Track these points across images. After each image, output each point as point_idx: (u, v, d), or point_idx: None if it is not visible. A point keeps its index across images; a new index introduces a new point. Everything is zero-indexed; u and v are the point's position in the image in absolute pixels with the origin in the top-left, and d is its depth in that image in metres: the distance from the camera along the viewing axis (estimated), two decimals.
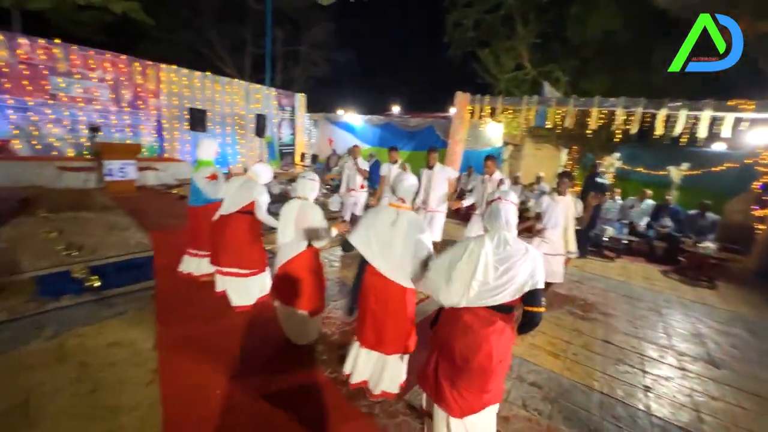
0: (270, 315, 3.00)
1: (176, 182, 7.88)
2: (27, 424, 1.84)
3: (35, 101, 7.20)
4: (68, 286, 3.17)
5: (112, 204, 5.84)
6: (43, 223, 4.55)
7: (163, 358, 2.42)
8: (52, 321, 2.71)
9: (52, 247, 3.83)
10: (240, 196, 3.01)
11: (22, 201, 5.21)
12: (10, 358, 2.29)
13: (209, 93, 9.76)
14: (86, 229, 4.54)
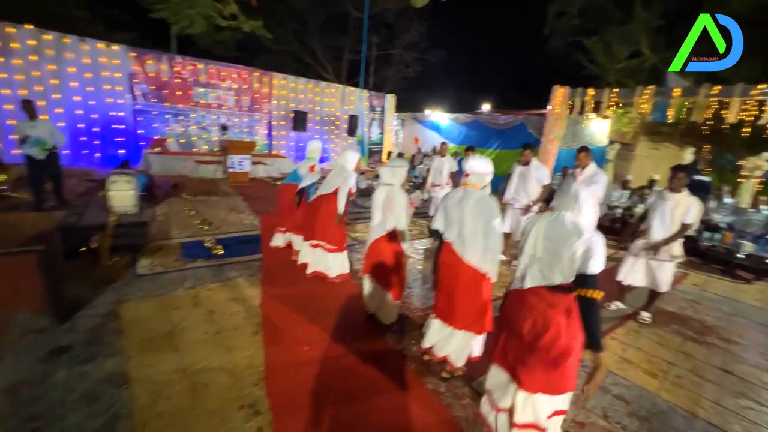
0: (352, 290, 3.34)
1: (280, 175, 9.02)
2: (171, 348, 2.43)
3: (184, 108, 9.01)
4: (201, 252, 3.99)
5: (232, 191, 7.01)
6: (185, 203, 5.74)
7: (266, 313, 2.91)
8: (190, 276, 3.46)
9: (192, 221, 4.83)
10: (333, 181, 3.41)
11: (173, 186, 6.63)
12: (163, 298, 3.02)
13: (311, 96, 10.89)
14: (214, 209, 5.58)
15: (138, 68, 8.27)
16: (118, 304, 2.87)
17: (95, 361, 2.22)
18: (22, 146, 4.58)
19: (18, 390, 1.96)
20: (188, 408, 1.95)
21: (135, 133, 8.44)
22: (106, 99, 7.97)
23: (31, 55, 7.03)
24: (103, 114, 7.99)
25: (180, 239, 4.22)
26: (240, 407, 1.99)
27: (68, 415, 1.83)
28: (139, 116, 8.48)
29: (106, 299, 2.92)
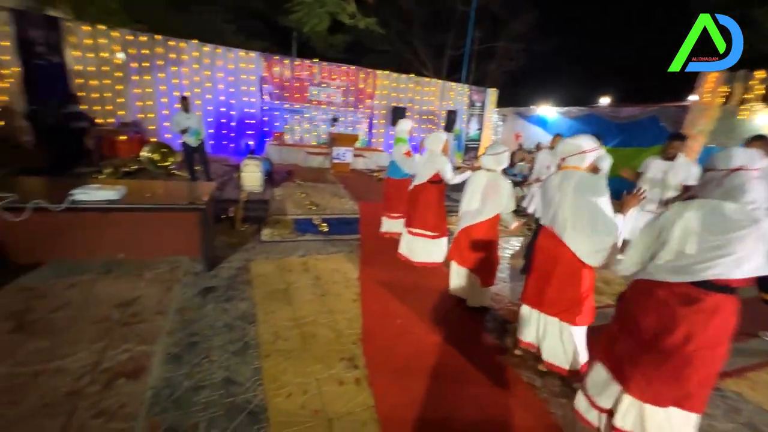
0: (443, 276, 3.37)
1: (377, 168, 9.49)
2: (286, 301, 2.82)
3: (299, 105, 10.16)
4: (310, 227, 4.49)
5: (335, 179, 7.67)
6: (298, 187, 6.50)
7: (363, 286, 3.14)
8: (301, 247, 3.94)
9: (303, 202, 5.46)
10: (427, 169, 3.47)
11: (288, 173, 7.57)
12: (280, 262, 3.51)
13: (411, 93, 11.14)
14: (321, 194, 6.20)
15: (267, 72, 9.63)
16: (248, 261, 3.44)
17: (232, 302, 2.72)
18: (182, 135, 5.68)
19: (183, 312, 2.53)
20: (300, 350, 2.26)
21: (261, 127, 9.86)
22: (242, 99, 9.50)
23: (195, 64, 8.82)
24: (240, 111, 9.54)
25: (293, 216, 4.82)
26: (341, 359, 2.22)
27: (214, 337, 2.30)
28: (265, 114, 9.88)
29: (239, 257, 3.53)
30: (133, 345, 2.15)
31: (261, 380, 1.97)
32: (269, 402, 1.83)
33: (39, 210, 2.50)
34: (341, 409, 1.85)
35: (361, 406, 1.88)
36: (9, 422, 1.59)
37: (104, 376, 1.90)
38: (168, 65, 8.63)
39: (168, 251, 3.25)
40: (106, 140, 7.48)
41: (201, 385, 1.90)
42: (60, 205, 2.52)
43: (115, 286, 2.78)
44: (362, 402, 1.91)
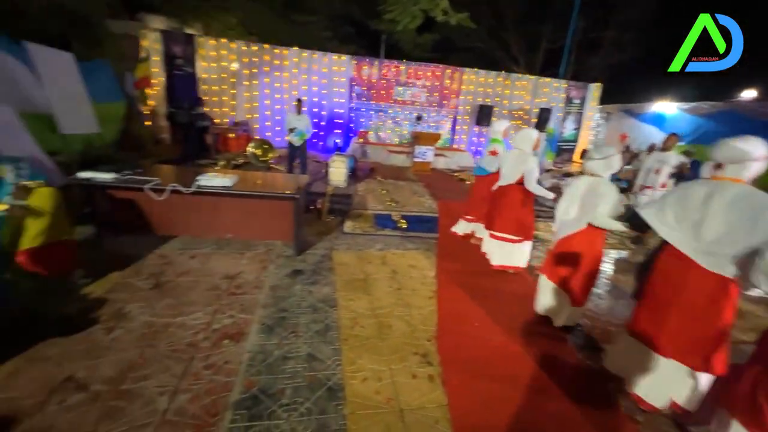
0: (524, 284, 3.15)
1: (458, 168, 9.27)
2: (365, 291, 2.93)
3: (384, 105, 10.46)
4: (389, 223, 4.60)
5: (414, 178, 7.71)
6: (379, 184, 6.72)
7: (439, 284, 3.11)
8: (380, 241, 4.06)
9: (383, 198, 5.62)
10: (514, 169, 3.25)
11: (370, 170, 7.87)
12: (360, 253, 3.66)
13: (499, 90, 10.60)
14: (400, 191, 6.30)
15: (356, 74, 10.13)
16: (331, 250, 3.67)
17: (317, 285, 2.94)
18: (289, 134, 6.20)
19: (276, 289, 2.82)
20: (376, 338, 2.33)
21: (348, 126, 10.43)
22: (333, 99, 10.17)
23: (294, 69, 9.73)
24: (329, 111, 10.23)
25: (374, 211, 4.99)
26: (414, 353, 2.23)
27: (301, 315, 2.51)
28: (352, 113, 10.42)
29: (324, 245, 3.79)
30: (236, 312, 2.47)
31: (340, 361, 2.09)
32: (346, 382, 1.93)
33: (174, 192, 3.03)
34: (413, 402, 1.85)
35: (433, 402, 1.87)
36: (147, 359, 1.97)
37: (214, 335, 2.22)
38: (272, 71, 9.67)
39: (265, 235, 3.65)
40: (221, 137, 8.71)
41: (288, 356, 2.09)
42: (189, 189, 3.03)
43: (223, 260, 3.22)
44: (435, 399, 1.89)
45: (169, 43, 8.49)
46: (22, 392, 1.70)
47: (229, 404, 1.72)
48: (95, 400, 1.69)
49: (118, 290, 2.61)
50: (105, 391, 1.74)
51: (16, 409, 1.61)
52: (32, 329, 2.08)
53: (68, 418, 1.59)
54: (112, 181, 3.07)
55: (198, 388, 1.80)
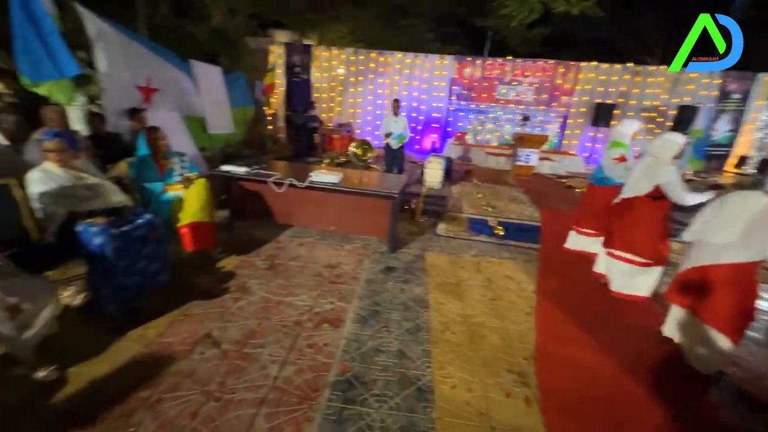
0: (646, 313, 2.66)
1: (566, 174, 8.36)
2: (456, 296, 2.85)
3: (485, 105, 10.04)
4: (485, 229, 4.40)
5: (514, 183, 7.22)
6: (474, 187, 6.48)
7: (540, 302, 2.84)
8: (474, 247, 3.91)
9: (479, 203, 5.41)
10: (646, 180, 2.76)
11: (466, 172, 7.65)
12: (453, 257, 3.59)
13: (625, 87, 9.18)
14: (498, 196, 5.97)
15: (457, 74, 9.95)
16: (424, 251, 3.68)
17: (409, 284, 2.98)
18: (386, 138, 6.00)
19: (370, 283, 2.95)
20: (467, 347, 2.25)
21: (445, 128, 10.33)
22: (432, 101, 10.18)
23: (396, 74, 10.05)
24: (428, 114, 10.28)
25: (468, 215, 4.84)
26: (509, 370, 2.08)
27: (393, 311, 2.58)
28: (450, 114, 10.28)
29: (417, 245, 3.82)
30: (335, 299, 2.66)
31: (429, 363, 2.08)
32: (435, 386, 1.91)
33: (291, 185, 3.43)
34: (506, 422, 1.73)
35: (529, 429, 1.72)
36: (263, 329, 2.26)
37: (316, 317, 2.43)
38: (376, 76, 10.15)
39: (363, 230, 3.85)
40: (327, 137, 9.52)
41: (381, 349, 2.17)
42: (303, 183, 3.38)
43: (326, 250, 3.51)
44: (531, 425, 1.73)
45: (290, 54, 9.60)
46: (175, 339, 2.13)
47: (327, 383, 1.87)
48: (225, 357, 2.01)
49: (243, 267, 3.06)
50: (232, 350, 2.07)
51: (172, 351, 2.03)
52: (184, 291, 2.59)
53: (206, 367, 1.93)
54: (244, 174, 3.62)
55: (302, 363, 2.00)
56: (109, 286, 2.21)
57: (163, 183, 2.91)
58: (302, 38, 11.87)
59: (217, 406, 1.69)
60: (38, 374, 1.77)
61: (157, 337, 2.13)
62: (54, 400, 1.68)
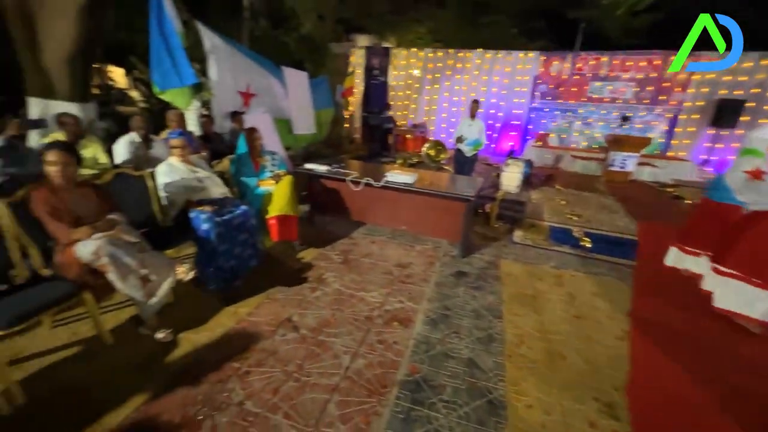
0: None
1: (671, 182, 7.23)
2: (534, 309, 2.65)
3: (573, 104, 9.17)
4: (568, 239, 4.02)
5: (605, 190, 6.47)
6: (557, 193, 5.97)
7: (635, 325, 2.49)
8: (554, 258, 3.60)
9: (562, 210, 4.96)
10: None
11: (547, 177, 7.09)
12: (530, 267, 3.34)
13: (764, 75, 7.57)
14: (585, 204, 5.42)
15: (542, 70, 9.26)
16: (498, 258, 3.51)
17: (481, 291, 2.86)
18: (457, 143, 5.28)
19: (440, 286, 2.91)
20: (545, 366, 2.08)
21: (525, 128, 9.70)
22: (512, 100, 9.64)
23: (475, 71, 9.73)
24: (507, 113, 9.75)
25: (549, 222, 4.47)
26: (595, 399, 1.87)
27: (464, 318, 2.50)
28: (532, 113, 9.61)
29: (490, 251, 3.65)
30: (405, 299, 2.68)
31: (502, 377, 1.97)
32: (509, 403, 1.80)
33: (367, 184, 3.54)
34: None
35: None
36: (337, 320, 2.38)
37: (386, 315, 2.48)
38: (453, 75, 9.96)
39: (434, 232, 3.80)
40: (401, 137, 9.63)
41: (450, 354, 2.12)
42: (379, 183, 3.47)
43: (396, 250, 3.56)
44: None
45: (370, 57, 9.93)
46: (262, 319, 2.35)
47: (396, 381, 1.89)
48: (303, 341, 2.16)
49: (320, 259, 3.26)
50: (309, 336, 2.21)
51: (259, 330, 2.24)
52: (270, 277, 2.84)
53: (286, 349, 2.09)
54: (324, 172, 3.84)
55: (372, 358, 2.05)
56: (211, 267, 2.54)
57: (257, 178, 3.24)
58: (381, 41, 12.19)
59: (295, 386, 1.82)
60: (157, 335, 2.10)
61: (247, 315, 2.38)
62: (167, 359, 1.98)
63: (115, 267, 1.88)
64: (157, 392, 1.74)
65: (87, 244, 1.88)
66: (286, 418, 1.63)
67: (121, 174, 2.60)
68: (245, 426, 1.58)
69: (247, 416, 1.63)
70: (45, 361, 1.91)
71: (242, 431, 1.56)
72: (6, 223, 1.87)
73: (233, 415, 1.64)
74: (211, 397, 1.72)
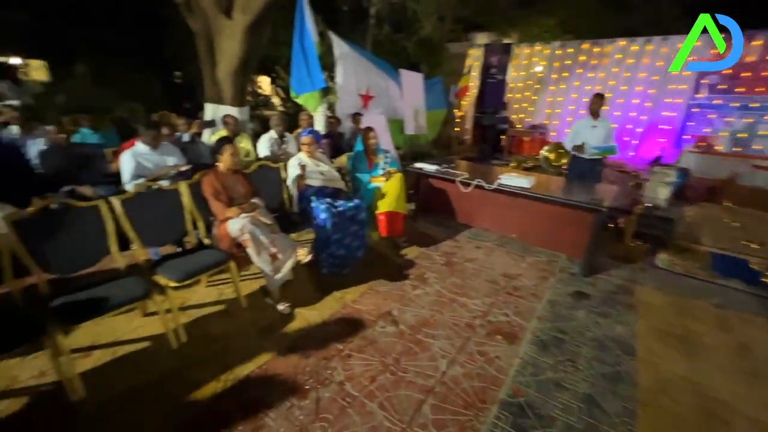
0: None
1: None
2: (684, 352, 2.11)
3: (761, 98, 7.04)
4: (741, 272, 3.10)
5: None
6: (726, 211, 4.69)
7: None
8: (717, 293, 2.82)
9: (732, 234, 3.87)
10: None
11: (710, 190, 5.63)
12: (679, 300, 2.69)
13: None
14: None
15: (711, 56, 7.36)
16: (632, 283, 2.93)
17: (607, 319, 2.43)
18: (576, 151, 3.94)
19: (554, 305, 2.58)
20: (696, 426, 1.63)
21: (681, 130, 7.89)
22: (663, 99, 7.96)
23: (614, 67, 8.34)
24: (654, 114, 8.08)
25: (712, 248, 3.53)
26: None
27: (583, 346, 2.15)
28: (691, 113, 7.76)
29: (621, 274, 3.08)
30: (510, 313, 2.46)
31: (633, 427, 1.62)
32: None
33: (478, 186, 3.38)
34: None
35: None
36: (436, 322, 2.33)
37: (488, 326, 2.31)
38: (586, 71, 8.77)
39: (550, 244, 3.40)
40: (515, 139, 8.98)
41: (563, 385, 1.85)
42: (492, 185, 3.28)
43: (504, 258, 3.30)
44: None
45: (488, 55, 9.50)
46: (364, 308, 2.46)
47: (496, 399, 1.74)
48: (401, 337, 2.18)
49: (422, 258, 3.25)
50: (407, 333, 2.22)
51: (361, 317, 2.35)
52: (374, 269, 2.96)
53: (384, 341, 2.14)
54: (434, 171, 3.82)
55: (471, 368, 1.94)
56: (325, 253, 2.78)
57: (369, 174, 3.42)
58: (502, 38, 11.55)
59: (391, 378, 1.84)
60: (279, 307, 2.40)
61: (352, 302, 2.52)
62: (284, 329, 2.24)
63: (253, 243, 2.22)
64: (276, 355, 1.98)
65: (235, 222, 2.26)
66: (381, 408, 1.66)
67: (263, 166, 3.05)
68: (344, 406, 1.67)
69: (346, 397, 1.72)
70: (200, 312, 2.37)
71: (341, 409, 1.65)
72: (185, 200, 2.39)
73: (334, 392, 1.75)
74: (317, 371, 1.88)
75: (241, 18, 4.57)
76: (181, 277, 2.03)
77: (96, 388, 1.72)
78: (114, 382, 1.77)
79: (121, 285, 1.88)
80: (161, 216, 2.29)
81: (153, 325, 2.16)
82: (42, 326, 1.58)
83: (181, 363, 1.91)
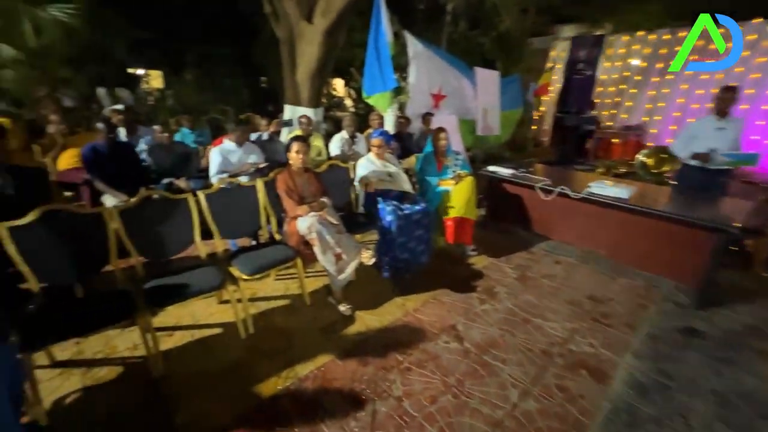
0: None
1: None
2: None
3: None
4: None
5: None
6: None
7: None
8: None
9: None
10: None
11: None
12: None
13: None
14: None
15: None
16: (766, 323, 2.32)
17: (731, 367, 1.94)
18: (701, 161, 3.12)
19: (656, 340, 2.15)
20: None
21: None
22: None
23: (745, 51, 6.90)
24: None
25: None
26: None
27: (696, 397, 1.74)
28: None
29: (751, 310, 2.47)
30: (598, 343, 2.11)
31: None
32: None
33: (562, 194, 3.01)
34: None
35: None
36: (506, 343, 2.09)
37: (570, 356, 2.00)
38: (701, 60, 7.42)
39: (649, 266, 2.87)
40: (604, 142, 7.99)
41: None
42: (579, 194, 2.89)
43: (590, 277, 2.89)
44: None
45: (575, 49, 8.59)
46: (426, 319, 2.32)
47: None
48: (466, 356, 1.99)
49: (491, 269, 3.00)
50: (473, 352, 2.02)
51: (422, 329, 2.22)
52: (438, 277, 2.80)
53: (448, 358, 1.98)
54: (509, 176, 3.51)
55: (548, 404, 1.68)
56: (388, 256, 2.70)
57: (438, 177, 3.26)
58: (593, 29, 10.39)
59: (454, 402, 1.68)
60: (341, 307, 2.38)
61: (413, 311, 2.40)
62: (345, 331, 2.20)
63: (319, 241, 2.22)
64: (335, 358, 1.94)
65: (304, 220, 2.30)
66: None
67: (333, 165, 3.08)
68: (401, 425, 1.56)
69: (404, 415, 1.60)
70: (267, 305, 2.46)
71: (397, 429, 1.54)
72: (261, 196, 2.50)
73: (392, 407, 1.64)
74: (375, 381, 1.79)
75: (321, 22, 4.74)
76: (252, 271, 2.11)
77: (174, 367, 1.85)
78: (189, 363, 1.90)
79: (202, 273, 2.02)
80: (239, 210, 2.43)
81: (226, 312, 2.29)
82: (136, 305, 1.75)
83: (247, 353, 1.98)
